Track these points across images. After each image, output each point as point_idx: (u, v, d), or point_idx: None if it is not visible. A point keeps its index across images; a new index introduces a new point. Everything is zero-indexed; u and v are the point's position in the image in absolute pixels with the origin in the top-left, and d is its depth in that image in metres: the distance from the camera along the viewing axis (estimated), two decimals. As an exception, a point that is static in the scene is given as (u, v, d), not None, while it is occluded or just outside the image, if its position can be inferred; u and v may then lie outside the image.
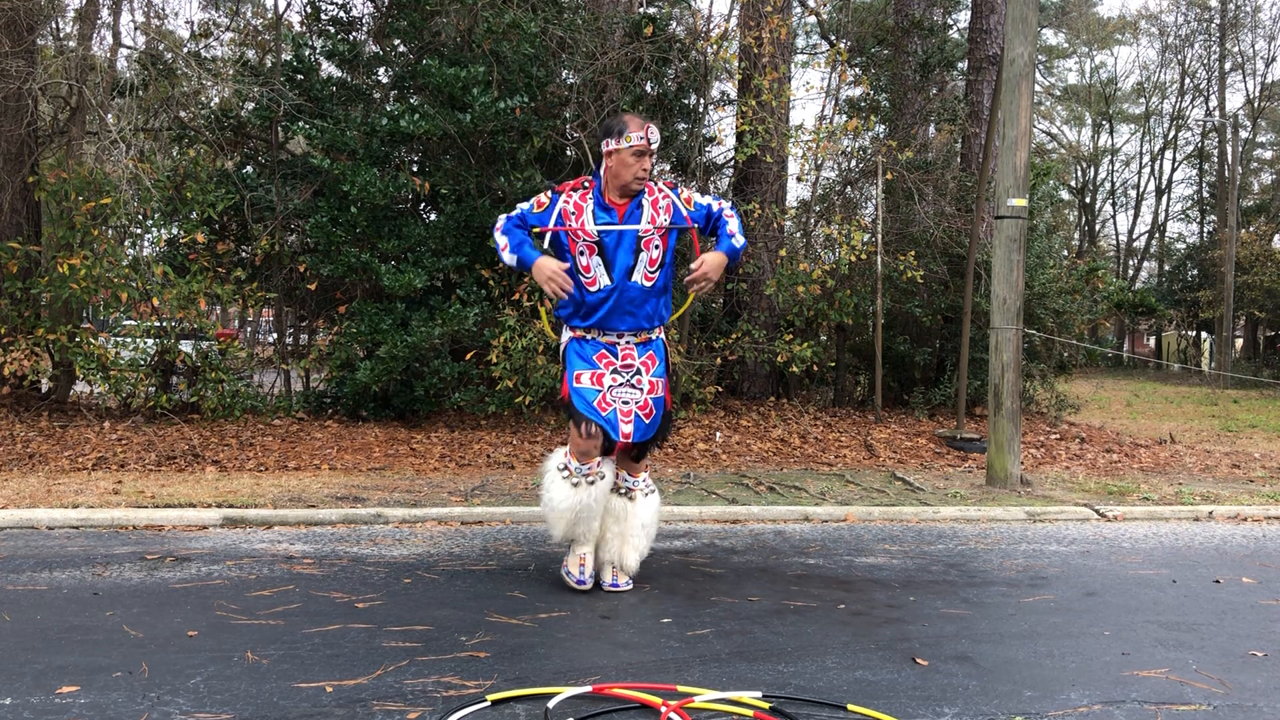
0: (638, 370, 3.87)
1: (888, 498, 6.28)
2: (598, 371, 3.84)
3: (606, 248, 3.79)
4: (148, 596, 3.70)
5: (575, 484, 3.82)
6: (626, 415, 3.82)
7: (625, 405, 3.83)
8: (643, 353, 3.90)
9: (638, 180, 3.79)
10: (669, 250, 3.91)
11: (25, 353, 7.54)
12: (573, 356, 3.89)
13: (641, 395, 3.86)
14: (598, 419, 3.77)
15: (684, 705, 2.66)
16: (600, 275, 3.80)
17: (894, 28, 11.91)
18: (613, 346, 3.87)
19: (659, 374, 3.92)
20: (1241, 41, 35.47)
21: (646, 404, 3.86)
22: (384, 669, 2.94)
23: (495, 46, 8.22)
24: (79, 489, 5.80)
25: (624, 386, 3.84)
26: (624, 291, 3.80)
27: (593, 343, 3.87)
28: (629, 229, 3.79)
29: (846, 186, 10.82)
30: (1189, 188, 40.22)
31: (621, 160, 3.78)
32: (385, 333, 7.87)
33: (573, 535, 3.92)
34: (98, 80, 8.32)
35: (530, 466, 7.23)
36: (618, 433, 3.80)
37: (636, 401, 3.85)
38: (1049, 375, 10.74)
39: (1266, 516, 6.00)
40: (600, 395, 3.81)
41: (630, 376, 3.86)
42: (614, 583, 3.97)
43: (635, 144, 3.75)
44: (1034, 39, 6.87)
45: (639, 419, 3.85)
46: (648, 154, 3.78)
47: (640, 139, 3.74)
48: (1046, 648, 3.28)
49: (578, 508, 3.82)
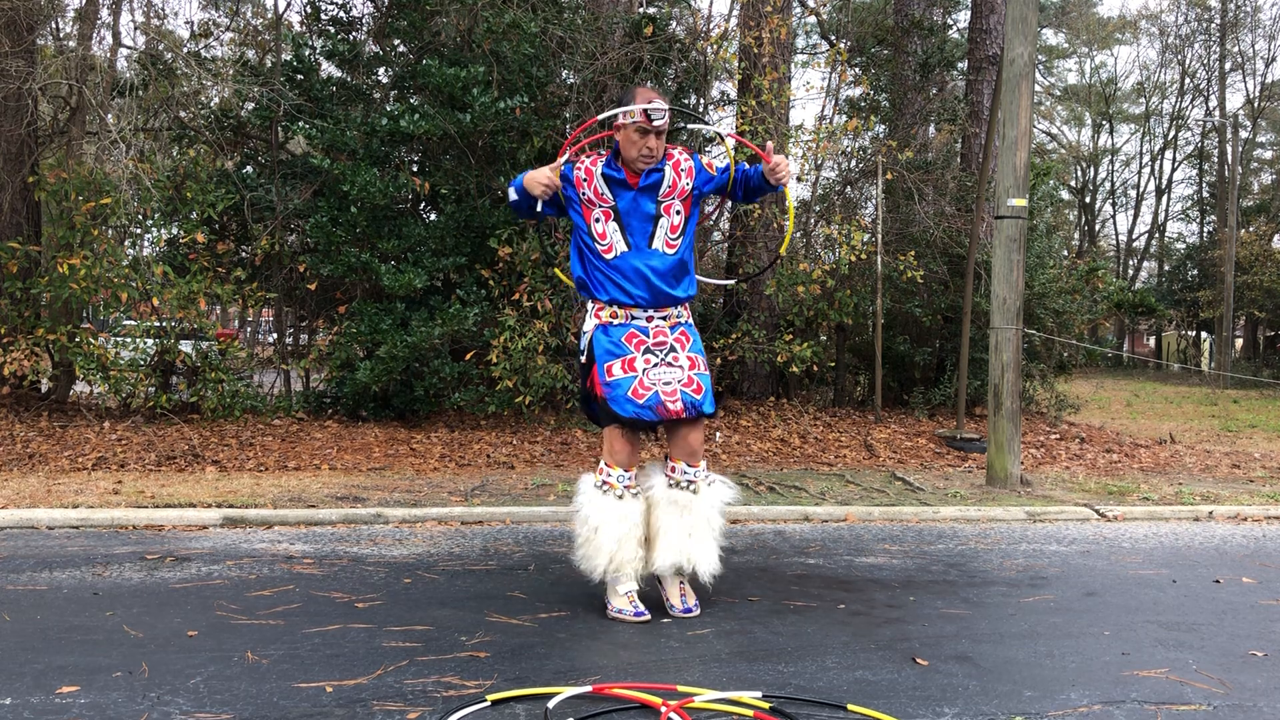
0: (672, 348, 3.58)
1: (888, 498, 6.28)
2: (629, 356, 3.54)
3: (622, 213, 3.55)
4: (148, 596, 3.70)
5: (620, 496, 3.50)
6: (671, 394, 3.52)
7: (668, 386, 3.53)
8: (675, 332, 3.63)
9: (643, 159, 3.52)
10: (691, 218, 3.65)
11: (25, 353, 7.54)
12: (599, 348, 3.57)
13: (684, 373, 3.56)
14: (635, 411, 3.49)
15: (684, 705, 2.66)
16: (617, 241, 3.55)
17: (894, 28, 11.92)
18: (643, 327, 3.58)
19: (696, 350, 3.64)
20: (1241, 41, 35.50)
21: (691, 380, 3.56)
22: (384, 669, 2.94)
23: (495, 46, 8.22)
24: (79, 489, 5.80)
25: (661, 366, 3.54)
26: (643, 257, 3.54)
27: (621, 325, 3.58)
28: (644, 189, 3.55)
29: (846, 186, 10.82)
30: (1189, 188, 40.28)
31: (627, 136, 3.52)
32: (385, 333, 7.86)
33: (617, 567, 3.49)
34: (98, 80, 8.32)
35: (530, 466, 7.23)
36: (666, 412, 3.51)
37: (680, 380, 3.55)
38: (1049, 375, 10.74)
39: (1266, 516, 6.00)
40: (635, 382, 3.51)
41: (665, 355, 3.56)
42: (686, 607, 3.56)
43: (638, 120, 3.46)
44: (1034, 39, 6.87)
45: (686, 394, 3.54)
46: (651, 132, 3.48)
47: (641, 116, 3.45)
48: (1046, 648, 3.28)
49: (622, 525, 3.47)
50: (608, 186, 3.58)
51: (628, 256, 3.56)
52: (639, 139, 3.50)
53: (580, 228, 3.64)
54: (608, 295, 3.59)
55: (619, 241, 3.56)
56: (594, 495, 3.56)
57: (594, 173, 3.59)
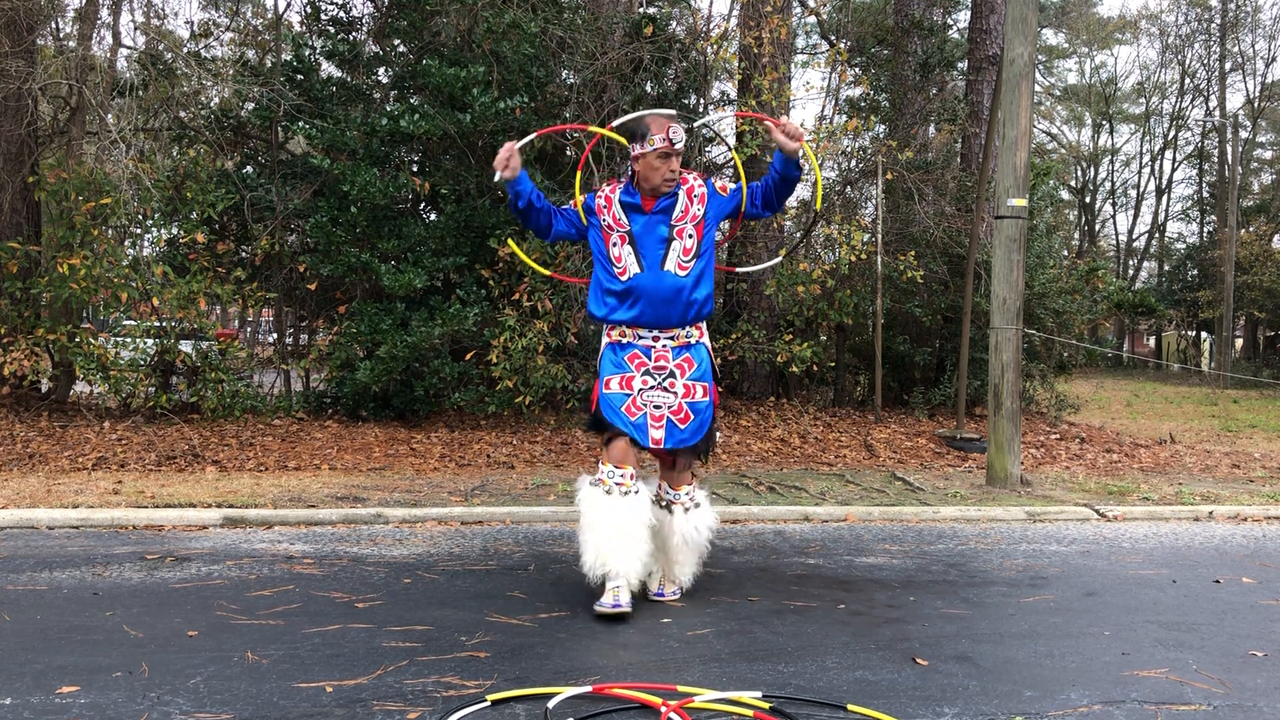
0: (671, 373, 3.71)
1: (888, 498, 6.28)
2: (627, 374, 3.70)
3: (636, 236, 3.70)
4: (148, 596, 3.70)
5: (608, 491, 3.61)
6: (658, 420, 3.67)
7: (657, 410, 3.67)
8: (678, 356, 3.73)
9: (667, 182, 3.69)
10: (704, 241, 3.76)
11: (25, 353, 7.54)
12: (605, 362, 3.77)
13: (675, 400, 3.69)
14: (624, 425, 3.63)
15: (684, 705, 2.66)
16: (630, 264, 3.69)
17: (894, 28, 11.91)
18: (647, 349, 3.72)
19: (697, 377, 3.74)
20: (1241, 41, 35.50)
21: (681, 408, 3.69)
22: (384, 669, 2.94)
23: (495, 46, 8.22)
24: (79, 489, 5.80)
25: (655, 390, 3.69)
26: (655, 280, 3.67)
27: (627, 345, 3.73)
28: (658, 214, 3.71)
29: (846, 186, 10.82)
30: (1189, 188, 40.28)
31: (648, 164, 3.68)
32: (385, 333, 7.86)
33: (604, 560, 3.56)
34: (98, 80, 8.32)
35: (530, 466, 7.23)
36: (647, 438, 3.65)
37: (669, 406, 3.68)
38: (1049, 375, 10.75)
39: (1266, 516, 6.00)
40: (629, 400, 3.67)
41: (662, 379, 3.70)
42: (659, 591, 3.80)
43: (659, 147, 3.65)
44: (1034, 39, 6.87)
45: (672, 425, 3.68)
46: (673, 154, 3.67)
47: (663, 141, 3.64)
48: (1046, 648, 3.28)
49: (613, 520, 3.56)
50: (624, 212, 3.76)
51: (640, 278, 3.70)
52: (661, 164, 3.68)
53: (600, 253, 3.80)
54: (618, 316, 3.74)
55: (632, 264, 3.71)
56: (589, 490, 3.68)
57: (612, 199, 3.78)
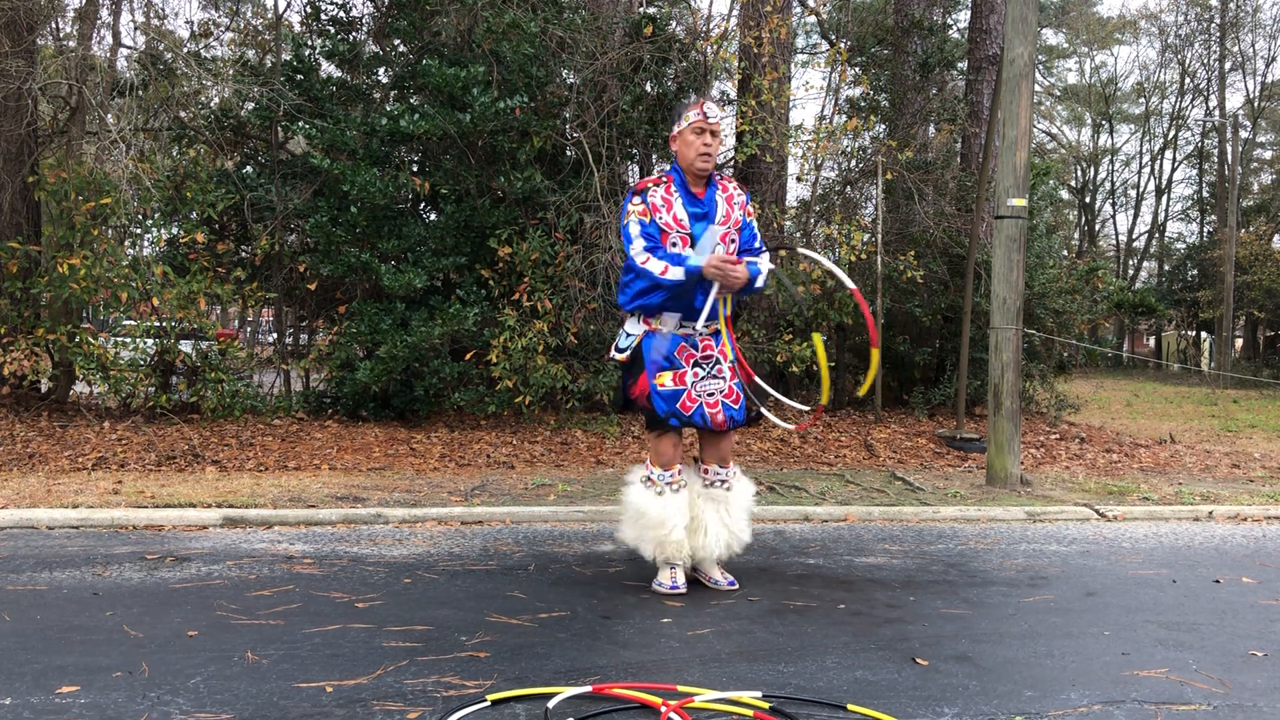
0: (717, 360, 3.91)
1: (888, 498, 6.28)
2: (680, 370, 3.85)
3: (697, 239, 3.80)
4: (148, 596, 3.70)
5: (660, 492, 3.87)
6: (713, 405, 3.86)
7: (711, 397, 3.87)
8: (717, 342, 3.94)
9: (702, 158, 3.80)
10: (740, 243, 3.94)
11: (25, 353, 7.54)
12: (652, 355, 3.85)
13: (725, 383, 3.89)
14: (681, 420, 3.81)
15: (684, 705, 2.66)
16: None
17: (894, 27, 11.91)
18: (691, 338, 3.88)
19: (733, 359, 3.99)
20: (1241, 41, 35.48)
21: (731, 390, 3.90)
22: (384, 669, 2.94)
23: (495, 46, 8.22)
24: (79, 489, 5.80)
25: (708, 379, 3.88)
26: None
27: (671, 337, 3.86)
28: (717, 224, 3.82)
29: (846, 186, 10.82)
30: (1189, 188, 40.29)
31: (684, 140, 3.83)
32: (385, 333, 7.86)
33: (664, 552, 3.89)
34: (98, 80, 8.32)
35: (530, 466, 7.23)
36: (711, 423, 3.84)
37: (722, 390, 3.89)
38: (1049, 375, 10.74)
39: (1266, 516, 6.00)
40: (684, 395, 3.83)
41: (711, 367, 3.90)
42: (730, 580, 4.02)
43: (694, 121, 3.78)
44: (1034, 39, 6.87)
45: (727, 405, 3.89)
46: (707, 130, 3.80)
47: (698, 115, 3.78)
48: (1046, 648, 3.28)
49: (666, 517, 3.84)
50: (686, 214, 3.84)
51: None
52: (695, 139, 3.80)
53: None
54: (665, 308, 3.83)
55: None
56: (640, 490, 3.93)
57: (671, 201, 3.85)
